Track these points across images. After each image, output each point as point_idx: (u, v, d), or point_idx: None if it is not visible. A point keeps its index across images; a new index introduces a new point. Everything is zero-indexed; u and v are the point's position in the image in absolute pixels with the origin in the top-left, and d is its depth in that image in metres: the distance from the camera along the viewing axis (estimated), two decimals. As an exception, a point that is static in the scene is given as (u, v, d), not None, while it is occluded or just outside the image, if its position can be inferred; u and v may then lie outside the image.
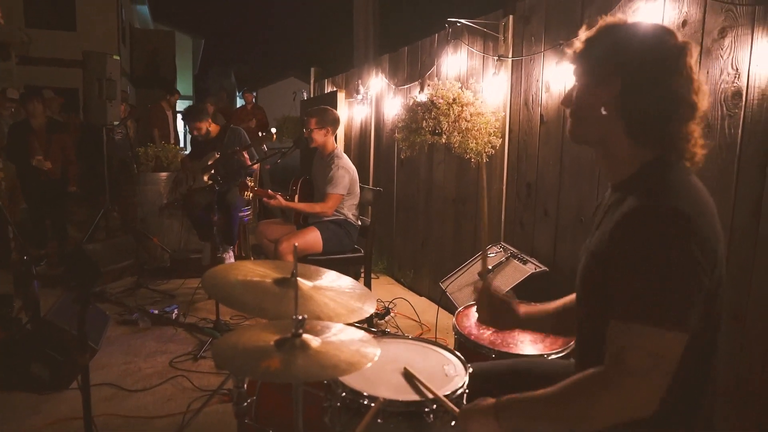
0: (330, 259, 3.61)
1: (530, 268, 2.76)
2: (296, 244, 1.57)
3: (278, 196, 3.63)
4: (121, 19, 16.88)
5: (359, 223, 3.86)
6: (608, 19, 1.27)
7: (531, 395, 1.19)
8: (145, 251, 5.32)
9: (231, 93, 27.84)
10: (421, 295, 4.84)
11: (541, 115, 3.32)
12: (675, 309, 1.05)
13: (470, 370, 1.61)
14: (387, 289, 5.07)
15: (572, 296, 1.56)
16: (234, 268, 1.88)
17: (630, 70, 1.19)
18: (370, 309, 1.75)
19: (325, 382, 1.62)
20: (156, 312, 4.01)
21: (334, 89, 7.15)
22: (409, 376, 1.56)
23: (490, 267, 2.90)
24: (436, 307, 3.73)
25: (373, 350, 1.34)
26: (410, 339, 1.86)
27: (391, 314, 4.15)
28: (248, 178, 3.60)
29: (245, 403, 1.74)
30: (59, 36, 15.18)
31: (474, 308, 2.14)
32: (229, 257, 4.81)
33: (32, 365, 2.96)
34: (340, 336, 1.41)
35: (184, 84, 25.02)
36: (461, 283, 3.01)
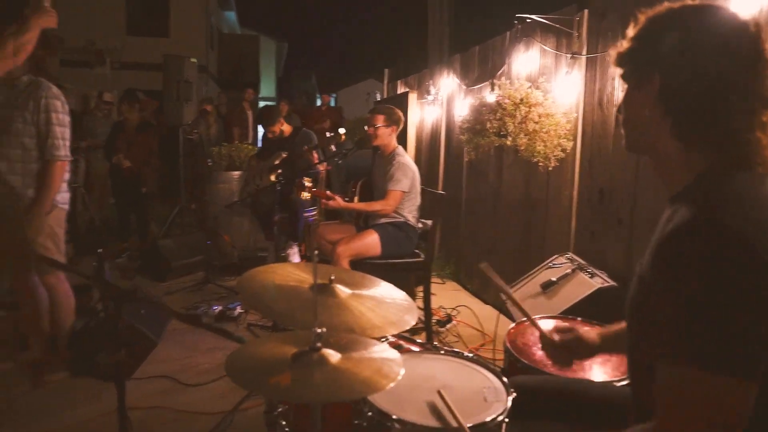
0: (388, 263, 3.52)
1: (597, 282, 2.55)
2: (342, 247, 1.49)
3: (336, 197, 3.59)
4: (210, 25, 17.71)
5: (420, 225, 3.75)
6: (653, 9, 1.10)
7: None
8: (215, 248, 5.48)
9: (312, 95, 28.51)
10: (486, 303, 4.65)
11: (617, 117, 3.07)
12: (739, 351, 0.86)
13: (513, 395, 1.46)
14: (452, 295, 4.92)
15: None
16: (273, 271, 1.83)
17: (668, 61, 1.02)
18: (410, 321, 1.65)
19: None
20: (219, 309, 4.09)
21: (406, 90, 7.08)
22: (440, 400, 1.43)
23: (554, 279, 2.71)
24: (501, 316, 3.55)
25: (397, 371, 1.23)
26: (452, 356, 1.74)
27: (453, 322, 4.01)
28: (305, 179, 3.58)
29: (276, 412, 1.68)
30: (154, 42, 16.14)
31: (530, 326, 1.99)
32: (293, 256, 4.85)
33: (98, 354, 3.08)
34: (364, 352, 1.31)
35: (268, 86, 25.89)
36: (523, 295, 2.83)
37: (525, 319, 2.17)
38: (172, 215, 5.40)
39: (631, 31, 1.13)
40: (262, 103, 17.78)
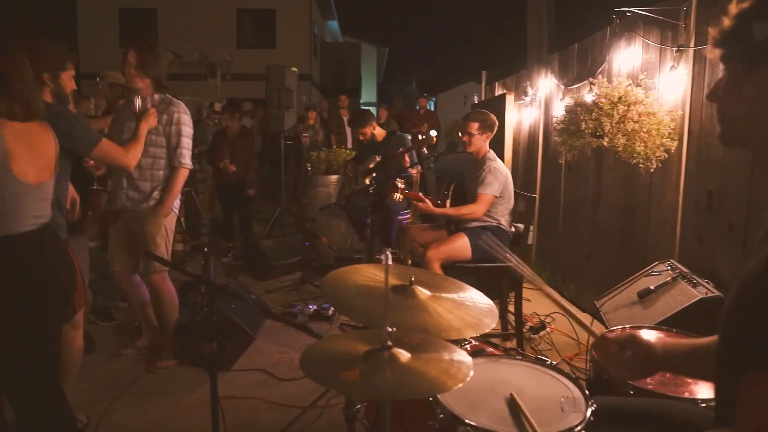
0: (478, 266, 3.48)
1: (700, 292, 2.35)
2: (432, 251, 1.51)
3: (427, 201, 3.60)
4: (313, 35, 18.44)
5: (513, 230, 3.66)
6: None
7: None
8: (313, 249, 5.69)
9: (412, 100, 28.76)
10: (584, 311, 4.45)
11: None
12: None
13: (593, 407, 1.40)
14: (547, 302, 4.76)
15: None
16: (356, 272, 1.89)
17: None
18: (489, 324, 1.63)
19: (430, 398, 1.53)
20: (314, 308, 4.24)
21: (503, 92, 6.95)
22: (514, 406, 1.40)
23: (652, 287, 2.54)
24: (598, 325, 3.39)
25: (466, 372, 1.23)
26: (533, 363, 1.69)
27: (547, 329, 3.88)
28: (398, 180, 3.61)
29: (355, 408, 1.73)
30: (262, 54, 17.09)
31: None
32: (387, 259, 4.91)
33: (201, 345, 3.31)
34: (435, 353, 1.31)
35: (369, 92, 26.48)
36: (618, 303, 2.68)
37: (618, 327, 2.07)
38: (273, 217, 5.68)
39: (736, 6, 1.00)
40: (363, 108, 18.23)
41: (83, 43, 16.21)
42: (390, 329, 1.26)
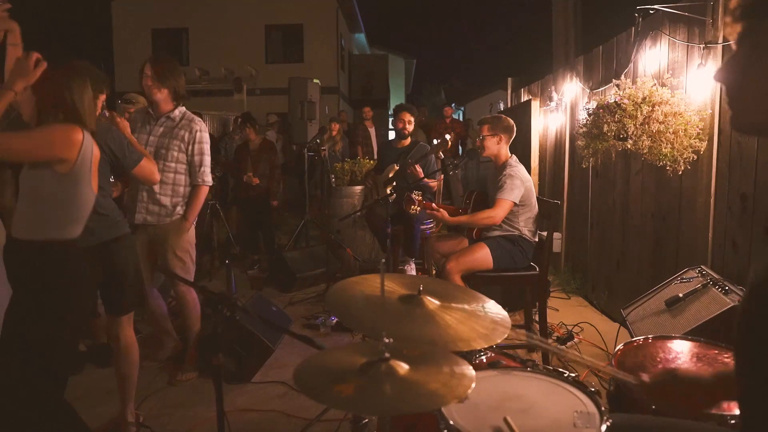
0: (500, 276, 3.38)
1: (732, 299, 2.22)
2: (452, 263, 1.45)
3: (442, 210, 3.52)
4: (340, 48, 18.59)
5: (536, 239, 3.55)
6: None
7: None
8: (338, 260, 5.66)
9: (441, 109, 28.69)
10: (614, 321, 4.29)
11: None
12: None
13: (608, 423, 1.31)
14: (576, 311, 4.62)
15: None
16: (364, 282, 1.84)
17: None
18: (501, 335, 1.57)
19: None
20: (335, 319, 4.20)
21: (529, 98, 6.84)
22: (519, 422, 1.32)
23: (681, 294, 2.41)
24: (630, 335, 3.25)
25: (467, 386, 1.16)
26: (548, 375, 1.61)
27: (575, 340, 3.75)
28: (415, 193, 3.55)
29: (362, 422, 1.67)
30: (290, 68, 17.32)
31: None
32: (410, 269, 4.85)
33: (224, 359, 3.30)
34: (435, 365, 1.25)
35: (398, 103, 26.50)
36: (645, 312, 2.56)
37: (641, 337, 1.97)
38: (297, 229, 5.68)
39: None
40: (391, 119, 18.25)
41: (118, 63, 16.72)
42: (387, 340, 1.21)
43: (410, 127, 4.88)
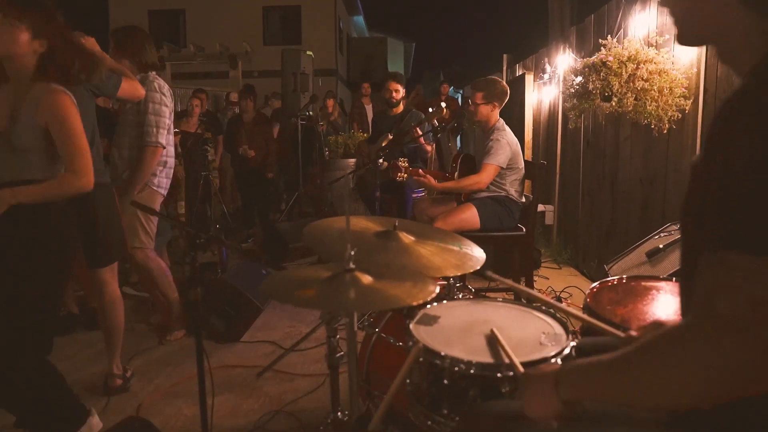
0: (486, 236, 3.40)
1: (709, 246, 2.25)
2: (439, 224, 1.47)
3: (428, 176, 3.54)
4: (338, 31, 18.49)
5: (523, 200, 3.58)
6: None
7: (600, 359, 0.90)
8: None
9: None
10: (603, 289, 4.33)
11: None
12: None
13: (574, 341, 1.34)
14: (566, 280, 4.65)
15: None
16: (341, 221, 1.86)
17: None
18: (474, 266, 1.60)
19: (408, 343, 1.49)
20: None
21: (523, 72, 6.82)
22: (492, 340, 1.36)
23: (661, 246, 2.44)
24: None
25: (432, 291, 1.19)
26: (516, 304, 1.63)
27: (563, 304, 3.78)
28: (400, 159, 3.56)
29: (338, 354, 1.70)
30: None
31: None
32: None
33: (212, 317, 3.34)
34: (399, 279, 1.28)
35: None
36: (626, 265, 2.59)
37: (615, 277, 2.00)
38: (291, 200, 5.70)
39: None
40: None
41: (115, 45, 16.65)
42: (352, 252, 1.23)
43: (397, 95, 4.87)
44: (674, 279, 1.89)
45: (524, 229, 3.47)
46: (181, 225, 1.81)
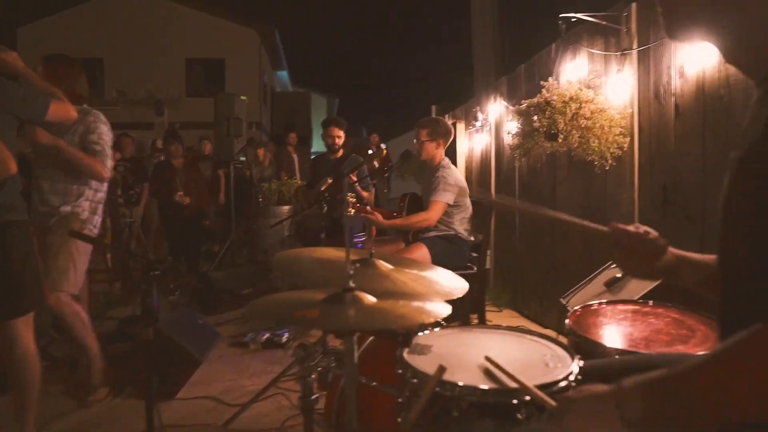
0: (438, 276, 3.34)
1: (668, 272, 2.29)
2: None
3: (376, 213, 3.48)
4: (263, 84, 18.53)
5: (472, 238, 3.57)
6: None
7: (666, 373, 0.82)
8: (266, 281, 5.44)
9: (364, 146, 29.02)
10: (546, 328, 4.35)
11: (676, 106, 2.87)
12: None
13: (580, 363, 1.27)
14: (508, 322, 4.65)
15: None
16: (310, 251, 1.74)
17: None
18: (460, 292, 1.52)
19: (398, 371, 1.36)
20: (267, 335, 3.99)
21: (453, 121, 7.03)
22: (494, 366, 1.25)
23: (619, 275, 2.47)
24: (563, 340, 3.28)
25: (440, 313, 1.08)
26: (509, 330, 1.55)
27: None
28: (349, 195, 3.50)
29: (313, 397, 1.53)
30: (212, 102, 17.01)
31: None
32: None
33: (144, 374, 3.01)
34: (402, 300, 1.17)
35: (320, 141, 26.58)
36: (585, 296, 2.60)
37: (591, 303, 1.97)
38: (222, 250, 5.43)
39: None
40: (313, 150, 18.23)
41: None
42: (352, 271, 1.11)
43: (339, 141, 4.85)
44: (651, 303, 1.89)
45: (475, 268, 3.45)
46: (134, 253, 1.60)
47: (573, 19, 3.36)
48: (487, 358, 1.27)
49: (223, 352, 3.76)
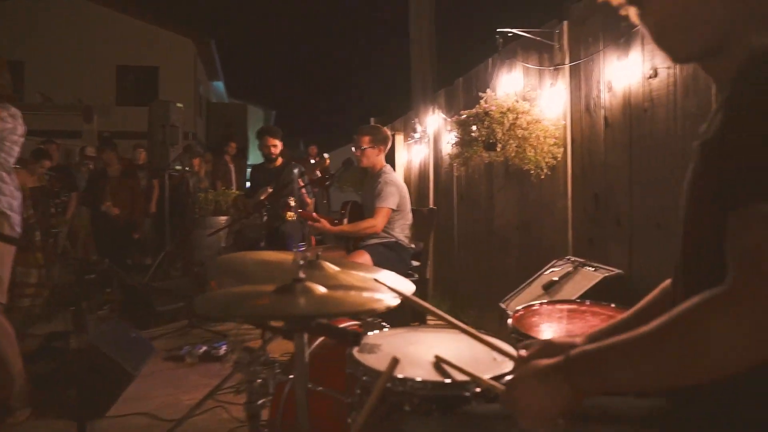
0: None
1: (602, 273, 2.41)
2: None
3: (322, 220, 3.47)
4: (198, 95, 18.09)
5: (413, 246, 3.62)
6: None
7: (621, 339, 0.83)
8: (202, 293, 5.27)
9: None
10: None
11: (605, 118, 3.03)
12: None
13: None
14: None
15: (647, 298, 1.21)
16: (250, 255, 1.72)
17: None
18: (410, 290, 1.54)
19: (347, 371, 1.35)
20: (204, 348, 3.87)
21: (392, 133, 7.11)
22: (444, 362, 1.27)
23: (556, 278, 2.57)
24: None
25: (393, 301, 1.09)
26: (450, 328, 1.57)
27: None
28: (291, 198, 3.46)
29: (259, 402, 1.49)
30: (144, 111, 16.41)
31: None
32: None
33: (70, 392, 2.84)
34: (352, 290, 1.16)
35: (257, 152, 26.17)
36: (524, 299, 2.68)
37: (532, 303, 2.03)
38: (156, 261, 5.22)
39: None
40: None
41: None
42: (302, 261, 1.10)
43: (275, 150, 4.80)
44: (588, 302, 1.97)
45: (416, 275, 3.48)
46: (66, 257, 1.50)
47: (509, 34, 3.48)
48: (437, 356, 1.29)
49: (158, 366, 3.61)
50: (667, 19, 0.93)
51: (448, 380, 1.15)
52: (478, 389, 1.13)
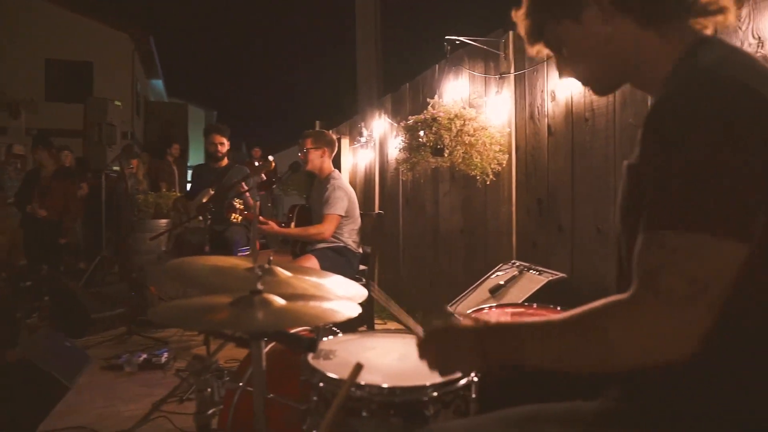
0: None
1: (547, 276, 2.49)
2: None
3: (270, 222, 3.42)
4: (135, 93, 17.43)
5: (360, 250, 3.62)
6: None
7: (531, 321, 0.95)
8: (141, 300, 5.07)
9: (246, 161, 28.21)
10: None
11: (549, 126, 3.14)
12: (726, 208, 0.78)
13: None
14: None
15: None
16: (203, 260, 1.67)
17: None
18: (363, 294, 1.54)
19: (302, 379, 1.34)
20: (144, 356, 3.72)
21: (339, 137, 7.10)
22: (397, 368, 1.27)
23: (502, 282, 2.63)
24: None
25: (353, 312, 1.09)
26: (404, 333, 1.59)
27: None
28: (236, 200, 3.39)
29: (210, 411, 1.45)
30: (77, 108, 15.64)
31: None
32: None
33: (-2, 406, 2.67)
34: (312, 301, 1.16)
35: (197, 154, 25.48)
36: (471, 303, 2.73)
37: (482, 307, 2.07)
38: (92, 266, 4.99)
39: (520, 13, 1.11)
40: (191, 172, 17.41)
41: None
42: (260, 272, 1.08)
43: (222, 149, 4.69)
44: (535, 306, 2.03)
45: (364, 280, 3.48)
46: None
47: (457, 42, 3.55)
48: (358, 365, 1.26)
49: (95, 376, 3.44)
50: (579, 76, 1.09)
51: (403, 385, 1.15)
52: (435, 394, 1.14)
